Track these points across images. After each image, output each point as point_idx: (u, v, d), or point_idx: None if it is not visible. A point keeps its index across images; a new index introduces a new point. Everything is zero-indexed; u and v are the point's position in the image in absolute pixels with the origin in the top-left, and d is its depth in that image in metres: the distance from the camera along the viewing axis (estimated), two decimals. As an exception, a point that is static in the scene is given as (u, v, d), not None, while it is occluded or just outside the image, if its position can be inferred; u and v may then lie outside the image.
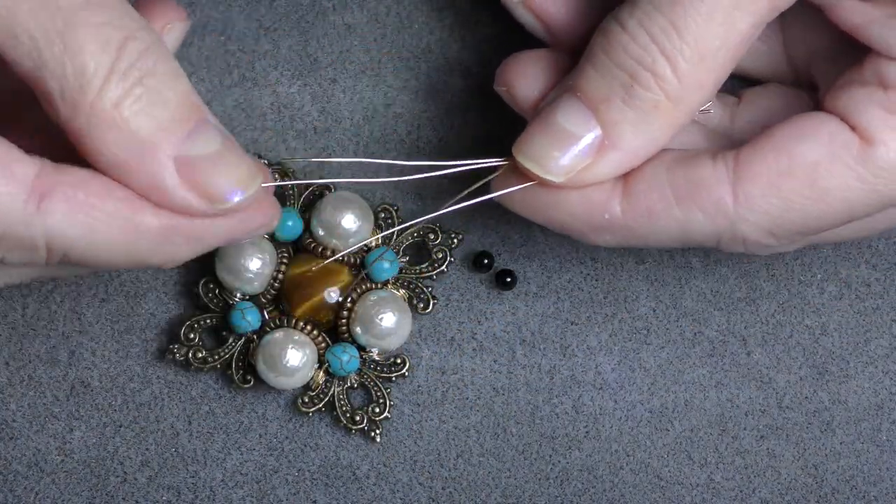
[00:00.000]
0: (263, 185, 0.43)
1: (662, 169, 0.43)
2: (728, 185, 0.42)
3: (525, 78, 0.46)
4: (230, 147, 0.43)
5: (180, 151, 0.41)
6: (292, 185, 0.52)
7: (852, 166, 0.42)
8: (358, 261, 0.53)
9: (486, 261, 0.53)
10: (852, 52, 0.45)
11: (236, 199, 0.42)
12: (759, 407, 0.54)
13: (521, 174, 0.45)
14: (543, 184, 0.44)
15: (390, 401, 0.53)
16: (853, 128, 0.43)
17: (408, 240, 0.53)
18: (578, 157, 0.43)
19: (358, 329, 0.52)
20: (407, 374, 0.53)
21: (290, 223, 0.52)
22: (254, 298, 0.52)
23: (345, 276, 0.52)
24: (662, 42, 0.42)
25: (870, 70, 0.43)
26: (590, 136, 0.43)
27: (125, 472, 0.53)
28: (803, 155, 0.42)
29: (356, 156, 0.54)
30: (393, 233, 0.53)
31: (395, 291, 0.52)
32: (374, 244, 0.53)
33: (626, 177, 0.44)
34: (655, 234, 0.44)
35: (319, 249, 0.52)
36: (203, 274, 0.53)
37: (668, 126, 0.43)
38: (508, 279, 0.53)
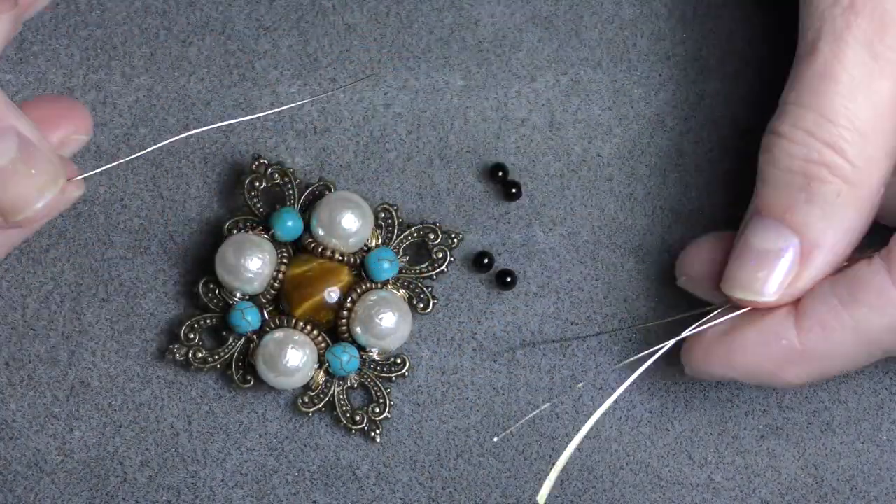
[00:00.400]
0: (70, 179, 0.43)
1: (827, 284, 0.44)
2: (886, 274, 0.43)
3: (701, 262, 0.48)
4: (27, 155, 0.42)
5: None
6: (101, 170, 0.50)
7: None
8: (357, 260, 0.53)
9: (486, 261, 0.53)
10: None
11: (37, 206, 0.42)
12: (760, 407, 0.54)
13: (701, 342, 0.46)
14: (757, 308, 0.45)
15: (390, 401, 0.53)
16: None
17: (408, 240, 0.53)
18: (785, 271, 0.44)
19: (358, 329, 0.52)
20: (407, 374, 0.53)
21: (290, 223, 0.52)
22: (254, 298, 0.52)
23: (345, 276, 0.52)
24: (821, 134, 0.42)
25: None
26: (789, 247, 0.44)
27: (125, 473, 0.53)
28: None
29: (356, 156, 0.54)
30: (393, 233, 0.53)
31: (394, 291, 0.52)
32: (374, 244, 0.53)
33: (797, 302, 0.44)
34: (836, 349, 0.44)
35: (319, 249, 0.52)
36: (203, 274, 0.53)
37: (856, 210, 0.43)
38: (508, 279, 0.53)
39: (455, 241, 0.53)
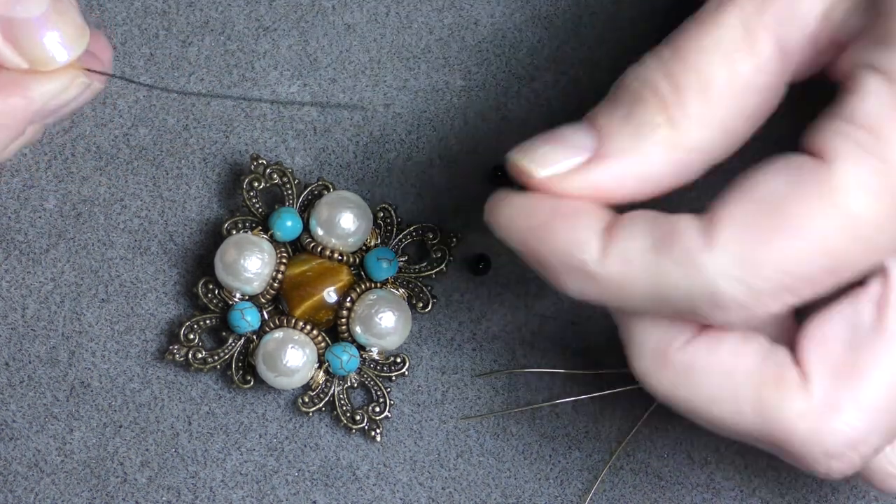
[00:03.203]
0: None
1: (649, 221, 0.42)
2: (700, 232, 0.40)
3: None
4: (58, 8, 0.43)
5: (3, 12, 0.42)
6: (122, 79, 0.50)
7: (818, 195, 0.40)
8: (357, 260, 0.53)
9: (481, 265, 0.53)
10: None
11: (64, 59, 0.43)
12: (760, 407, 0.54)
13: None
14: (530, 184, 0.43)
15: (390, 400, 0.53)
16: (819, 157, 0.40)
17: (407, 239, 0.53)
18: (567, 156, 0.43)
19: (358, 328, 0.52)
20: (407, 373, 0.53)
21: (289, 223, 0.52)
22: (253, 298, 0.52)
23: (344, 276, 0.52)
24: (668, 67, 0.42)
25: (847, 110, 0.41)
26: (584, 140, 0.42)
27: (125, 473, 0.53)
28: (769, 189, 0.40)
29: (356, 157, 0.54)
30: (393, 232, 0.53)
31: (394, 291, 0.52)
32: (373, 244, 0.53)
33: (612, 227, 0.42)
34: (628, 288, 0.41)
35: (319, 249, 0.52)
36: (203, 274, 0.53)
37: (663, 151, 0.42)
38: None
39: (454, 241, 0.53)
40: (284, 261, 0.52)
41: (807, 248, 0.40)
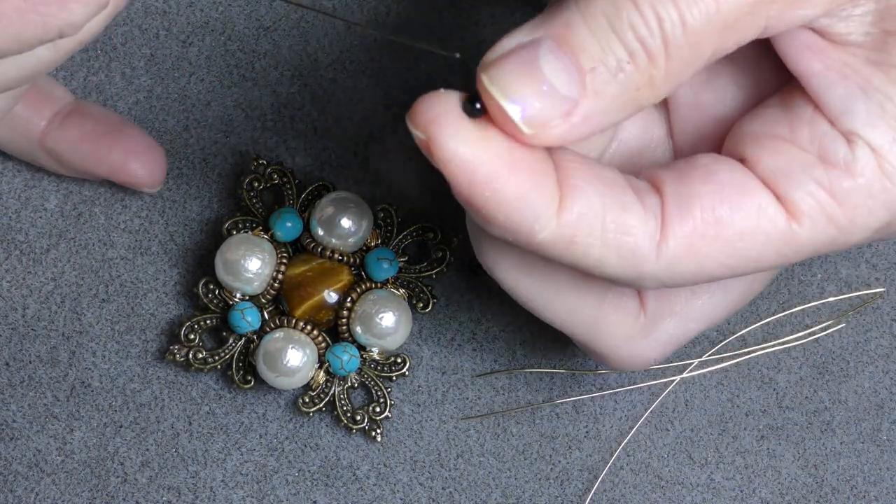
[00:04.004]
0: None
1: (598, 196, 0.40)
2: (652, 240, 0.40)
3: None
4: None
5: None
6: None
7: (776, 245, 0.40)
8: (357, 260, 0.53)
9: (481, 265, 0.53)
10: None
11: None
12: (759, 407, 0.54)
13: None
14: (501, 121, 0.39)
15: (391, 400, 0.53)
16: (780, 197, 0.40)
17: (407, 239, 0.53)
18: (548, 112, 0.39)
19: (358, 328, 0.52)
20: (407, 373, 0.53)
21: (289, 223, 0.52)
22: (254, 299, 0.52)
23: (344, 276, 0.52)
24: (668, 30, 0.40)
25: (808, 136, 0.41)
26: (567, 97, 0.40)
27: (125, 473, 0.53)
28: (730, 224, 0.40)
29: (356, 157, 0.54)
30: (393, 232, 0.53)
31: (394, 291, 0.52)
32: (373, 244, 0.53)
33: (564, 195, 0.40)
34: (560, 256, 0.40)
35: (319, 249, 0.52)
36: (203, 274, 0.53)
37: (632, 109, 0.40)
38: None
39: (455, 241, 0.53)
40: (285, 261, 0.52)
41: (740, 274, 0.41)
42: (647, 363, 0.45)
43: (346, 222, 0.52)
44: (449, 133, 0.38)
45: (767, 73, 0.43)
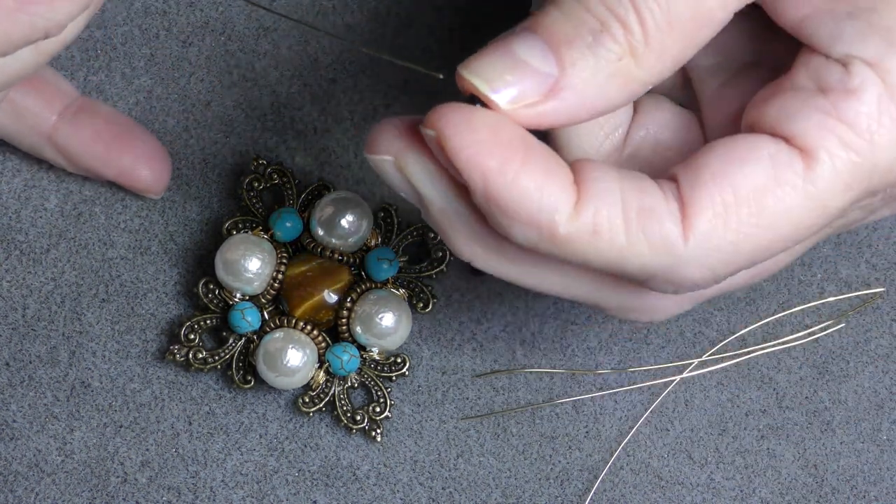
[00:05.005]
0: None
1: (618, 184, 0.40)
2: (675, 218, 0.39)
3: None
4: None
5: None
6: None
7: (799, 186, 0.39)
8: (357, 260, 0.53)
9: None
10: (755, 69, 0.43)
11: None
12: (759, 407, 0.54)
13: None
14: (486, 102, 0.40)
15: (391, 400, 0.53)
16: (789, 140, 0.39)
17: (407, 239, 0.53)
18: (530, 89, 0.39)
19: (358, 328, 0.52)
20: (407, 373, 0.53)
21: (289, 223, 0.52)
22: (254, 299, 0.52)
23: (344, 276, 0.52)
24: None
25: (804, 74, 0.40)
26: (546, 73, 0.40)
27: (125, 473, 0.53)
28: (747, 182, 0.39)
29: (356, 156, 0.54)
30: (393, 232, 0.53)
31: (394, 291, 0.52)
32: (373, 244, 0.53)
33: (581, 185, 0.40)
34: (589, 253, 0.39)
35: (319, 249, 0.52)
36: (203, 274, 0.53)
37: (623, 84, 0.40)
38: None
39: (455, 241, 0.53)
40: (285, 261, 0.52)
41: (780, 239, 0.39)
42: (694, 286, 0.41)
43: (346, 222, 0.52)
44: (458, 122, 0.39)
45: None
